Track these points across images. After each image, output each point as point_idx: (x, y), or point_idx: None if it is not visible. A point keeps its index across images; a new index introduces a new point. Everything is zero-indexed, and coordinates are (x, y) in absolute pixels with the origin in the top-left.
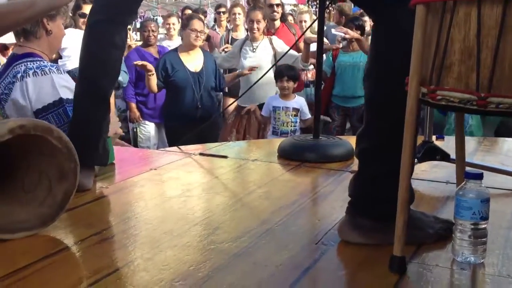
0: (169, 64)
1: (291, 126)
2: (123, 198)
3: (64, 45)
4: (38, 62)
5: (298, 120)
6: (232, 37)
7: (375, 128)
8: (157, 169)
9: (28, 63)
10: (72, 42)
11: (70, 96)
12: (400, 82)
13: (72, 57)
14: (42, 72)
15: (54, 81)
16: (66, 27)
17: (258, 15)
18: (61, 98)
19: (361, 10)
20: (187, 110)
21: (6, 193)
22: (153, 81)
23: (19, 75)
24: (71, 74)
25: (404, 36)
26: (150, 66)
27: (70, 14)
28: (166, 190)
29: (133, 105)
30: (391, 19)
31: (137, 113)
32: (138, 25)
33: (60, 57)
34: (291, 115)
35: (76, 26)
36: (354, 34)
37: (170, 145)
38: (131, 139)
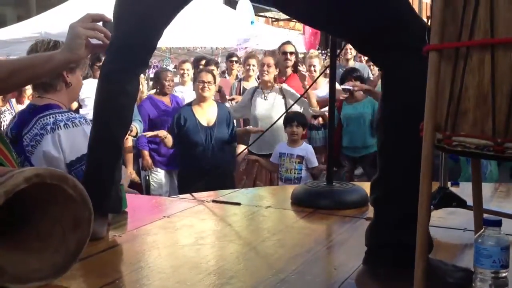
0: (183, 118)
1: (294, 173)
2: (136, 247)
3: (85, 95)
4: (66, 114)
5: (302, 168)
6: (243, 86)
7: (389, 176)
8: (170, 217)
9: (57, 115)
10: (92, 92)
11: None
12: (411, 128)
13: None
14: (73, 124)
15: (86, 132)
16: (85, 78)
17: (270, 60)
18: None
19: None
20: (198, 163)
21: (19, 242)
22: (169, 142)
23: (48, 127)
24: None
25: (413, 82)
26: (161, 133)
27: (89, 63)
28: (179, 238)
29: (146, 152)
30: (399, 66)
31: (150, 161)
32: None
33: (81, 106)
34: (295, 162)
35: (94, 76)
36: (363, 85)
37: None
38: (143, 186)
